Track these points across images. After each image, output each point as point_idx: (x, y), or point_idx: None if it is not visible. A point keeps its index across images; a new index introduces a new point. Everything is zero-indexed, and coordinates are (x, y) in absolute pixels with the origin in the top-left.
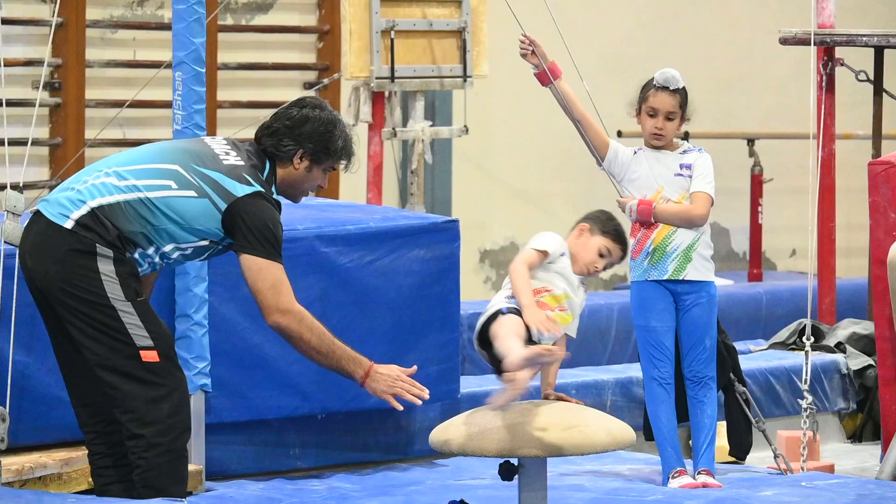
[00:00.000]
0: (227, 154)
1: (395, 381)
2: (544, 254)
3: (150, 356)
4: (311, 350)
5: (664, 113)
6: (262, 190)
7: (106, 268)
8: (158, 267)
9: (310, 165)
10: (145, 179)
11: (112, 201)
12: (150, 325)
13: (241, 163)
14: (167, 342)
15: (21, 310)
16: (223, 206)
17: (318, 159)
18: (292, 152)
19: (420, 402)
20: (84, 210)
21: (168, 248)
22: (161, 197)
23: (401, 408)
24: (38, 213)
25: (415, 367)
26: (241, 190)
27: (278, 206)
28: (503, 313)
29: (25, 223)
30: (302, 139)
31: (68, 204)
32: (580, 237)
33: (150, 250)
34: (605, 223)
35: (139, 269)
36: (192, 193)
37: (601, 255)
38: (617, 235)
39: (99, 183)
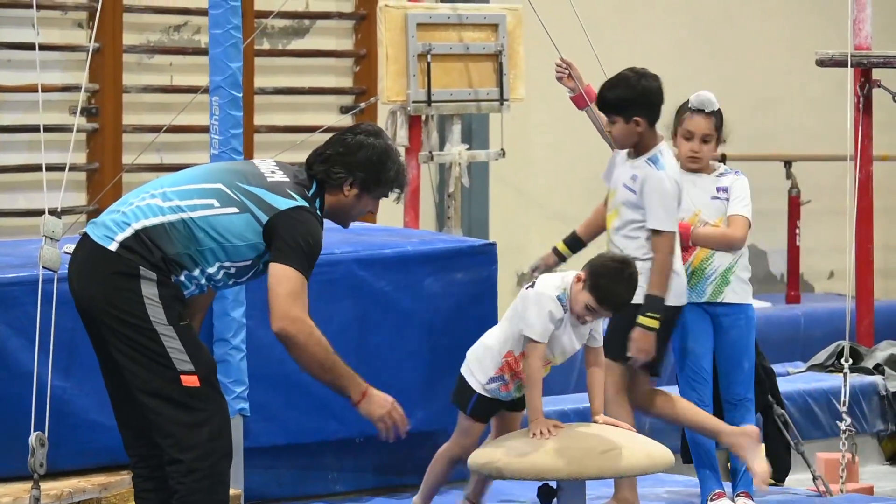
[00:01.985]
0: (273, 173)
1: (390, 409)
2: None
3: (191, 381)
4: (313, 362)
5: (700, 136)
6: (306, 204)
7: (149, 291)
8: (206, 289)
9: (359, 193)
10: (188, 200)
11: (156, 223)
12: (191, 349)
13: (287, 180)
14: (209, 367)
15: (60, 334)
16: (265, 218)
17: (367, 188)
18: (343, 180)
19: (403, 436)
20: (128, 232)
21: (213, 269)
22: (203, 216)
23: (391, 438)
24: (85, 236)
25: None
26: (283, 204)
27: (321, 221)
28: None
29: (74, 246)
30: (353, 167)
31: (113, 226)
32: (577, 284)
33: (196, 272)
34: (600, 280)
35: (185, 292)
36: (235, 210)
37: (588, 310)
38: (602, 296)
39: (144, 205)
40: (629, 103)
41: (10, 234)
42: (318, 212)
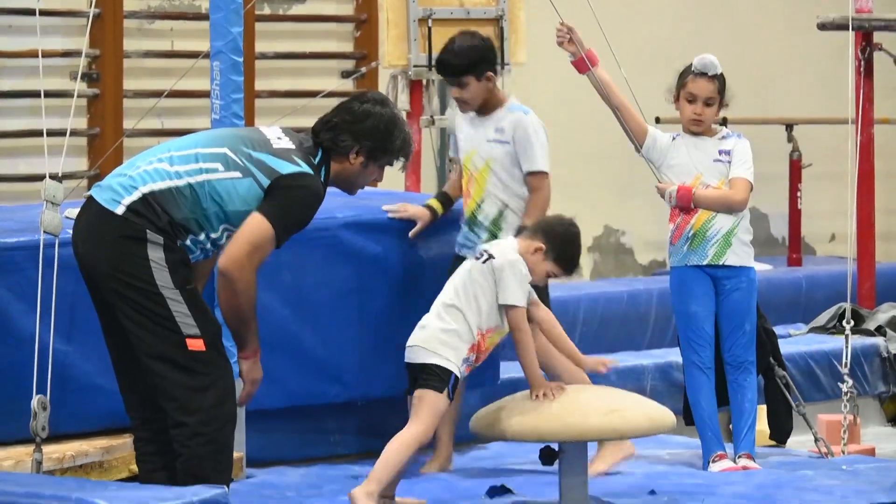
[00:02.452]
0: (279, 139)
1: (259, 381)
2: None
3: (197, 345)
4: (236, 311)
5: (703, 99)
6: (310, 171)
7: (156, 255)
8: (211, 254)
9: (365, 161)
10: (194, 164)
11: (163, 187)
12: (197, 313)
13: (292, 146)
14: (214, 331)
15: (62, 299)
16: (266, 182)
17: (374, 156)
18: (349, 148)
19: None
20: (136, 196)
21: (217, 233)
22: (207, 180)
23: (246, 402)
24: (90, 199)
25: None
26: (287, 168)
27: (324, 188)
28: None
29: (78, 209)
30: (360, 135)
31: (120, 189)
32: (534, 255)
33: (202, 236)
34: (561, 250)
35: (191, 256)
36: (238, 175)
37: (548, 276)
38: (569, 266)
39: (151, 169)
40: (479, 60)
41: (10, 200)
42: (323, 180)
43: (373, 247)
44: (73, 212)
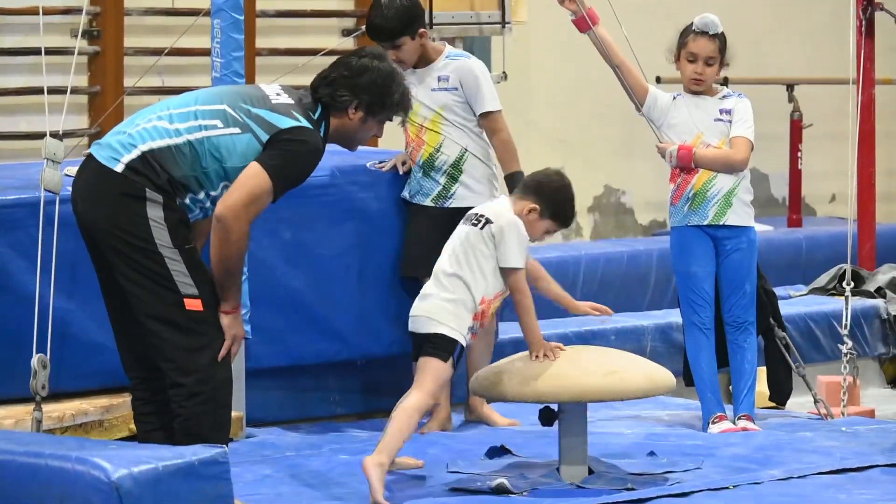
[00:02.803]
0: (279, 95)
1: (241, 337)
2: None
3: (194, 304)
4: (226, 260)
5: (703, 58)
6: (309, 126)
7: (155, 213)
8: (210, 212)
9: (364, 116)
10: (193, 121)
11: (163, 145)
12: (196, 273)
13: (291, 102)
14: (212, 291)
15: (63, 257)
16: (265, 137)
17: (372, 111)
18: (347, 103)
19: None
20: (135, 154)
21: (217, 191)
22: (206, 137)
23: (223, 354)
24: (90, 157)
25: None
26: (286, 123)
27: (324, 143)
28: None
29: (78, 166)
30: (358, 90)
31: (119, 147)
32: (529, 215)
33: (201, 195)
34: (554, 207)
35: (190, 215)
36: (237, 130)
37: (546, 233)
38: (565, 220)
39: (150, 126)
40: (411, 20)
41: (11, 157)
42: (323, 135)
43: (373, 204)
44: (73, 170)
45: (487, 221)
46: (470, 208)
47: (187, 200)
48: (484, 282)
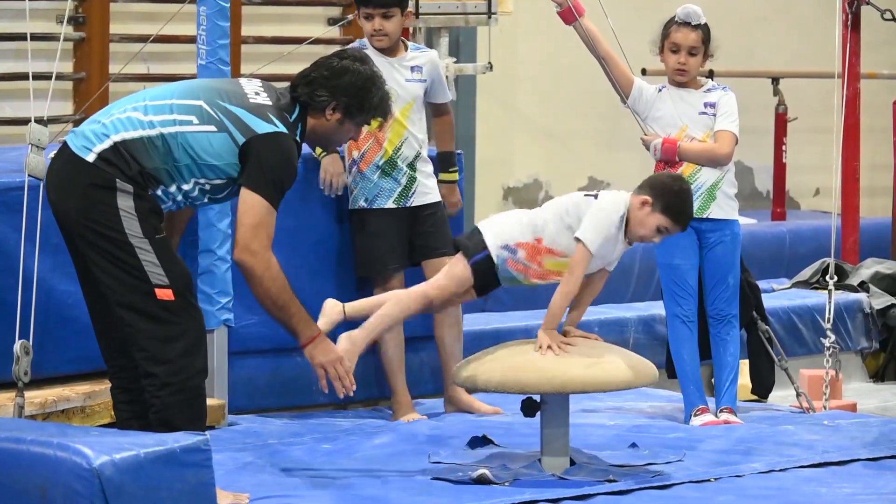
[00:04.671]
0: (257, 94)
1: (335, 361)
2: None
3: (166, 294)
4: (267, 298)
5: (686, 48)
6: (285, 130)
7: (125, 203)
8: (183, 206)
9: (342, 118)
10: (168, 115)
11: (135, 136)
12: (166, 263)
13: (269, 103)
14: (184, 281)
15: (44, 241)
16: (241, 140)
17: (350, 113)
18: (325, 103)
19: (341, 396)
20: (107, 144)
21: (188, 185)
22: (181, 132)
23: (326, 389)
24: (64, 145)
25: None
26: (262, 127)
27: (300, 148)
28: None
29: (52, 154)
30: (337, 92)
31: (93, 137)
32: (641, 209)
33: (172, 188)
34: (670, 200)
35: (162, 206)
36: (213, 128)
37: (659, 232)
38: (678, 217)
39: (125, 117)
40: None
41: None
42: (299, 137)
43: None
44: None
45: (596, 197)
46: (431, 203)
47: (159, 192)
48: (554, 229)
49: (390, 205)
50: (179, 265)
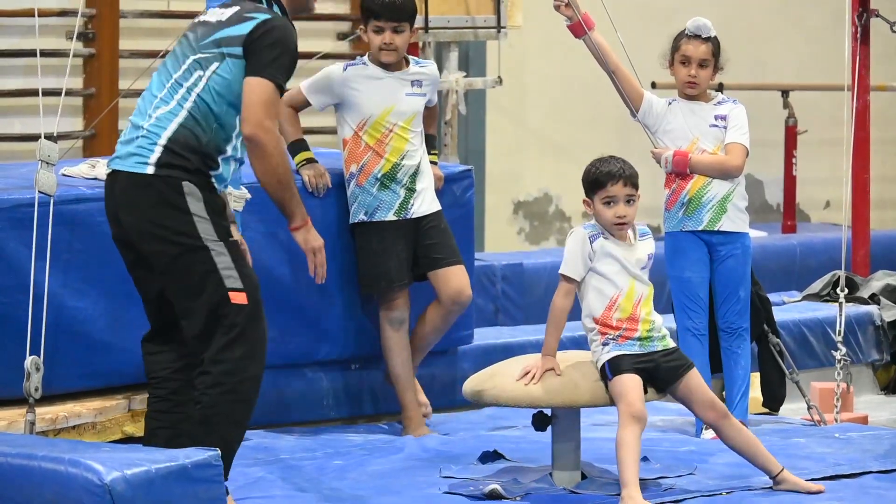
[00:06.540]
0: (223, 12)
1: (322, 247)
2: (572, 281)
3: (239, 298)
4: (274, 175)
5: (697, 60)
6: (268, 16)
7: (196, 207)
8: (241, 156)
9: None
10: (179, 91)
11: (174, 128)
12: (240, 266)
13: (237, 8)
14: (255, 285)
15: (56, 256)
16: (240, 50)
17: None
18: None
19: (320, 282)
20: (158, 151)
21: (236, 130)
22: (199, 94)
23: (313, 273)
24: (113, 173)
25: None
26: (247, 27)
27: (290, 22)
28: None
29: (104, 188)
30: None
31: (141, 151)
32: (590, 211)
33: (229, 148)
34: (587, 181)
35: (224, 184)
36: (216, 64)
37: (608, 204)
38: (598, 180)
39: (155, 119)
40: (416, 11)
41: (5, 159)
42: (283, 14)
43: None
44: (70, 170)
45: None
46: (432, 214)
47: (220, 166)
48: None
49: (391, 217)
50: (250, 270)
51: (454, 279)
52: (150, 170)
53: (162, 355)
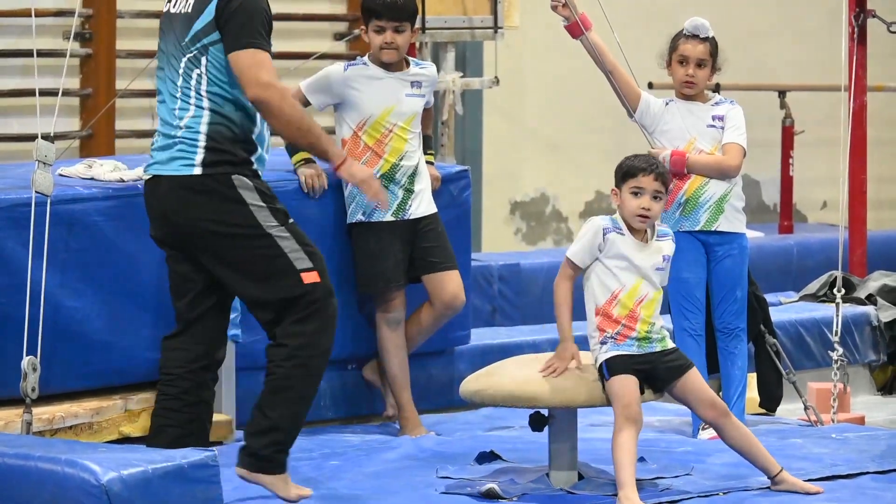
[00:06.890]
0: (186, 3)
1: (372, 175)
2: (575, 267)
3: (311, 277)
4: (290, 126)
5: (694, 60)
6: None
7: (251, 197)
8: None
9: None
10: (191, 87)
11: (205, 122)
12: (305, 246)
13: None
14: (322, 261)
15: (53, 256)
16: (216, 35)
17: None
18: None
19: (385, 209)
20: (200, 151)
21: None
22: (207, 85)
23: (380, 205)
24: (154, 178)
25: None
26: (211, 11)
27: None
28: None
29: (145, 193)
30: None
31: (183, 154)
32: (616, 201)
33: (257, 126)
34: (620, 170)
35: (265, 157)
36: (204, 58)
37: (636, 195)
38: (630, 169)
39: (185, 128)
40: (416, 11)
41: (2, 159)
42: None
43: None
44: (67, 170)
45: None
46: (429, 216)
47: (256, 146)
48: (588, 290)
49: (388, 217)
50: (314, 245)
51: (449, 285)
52: (198, 170)
53: (180, 352)
